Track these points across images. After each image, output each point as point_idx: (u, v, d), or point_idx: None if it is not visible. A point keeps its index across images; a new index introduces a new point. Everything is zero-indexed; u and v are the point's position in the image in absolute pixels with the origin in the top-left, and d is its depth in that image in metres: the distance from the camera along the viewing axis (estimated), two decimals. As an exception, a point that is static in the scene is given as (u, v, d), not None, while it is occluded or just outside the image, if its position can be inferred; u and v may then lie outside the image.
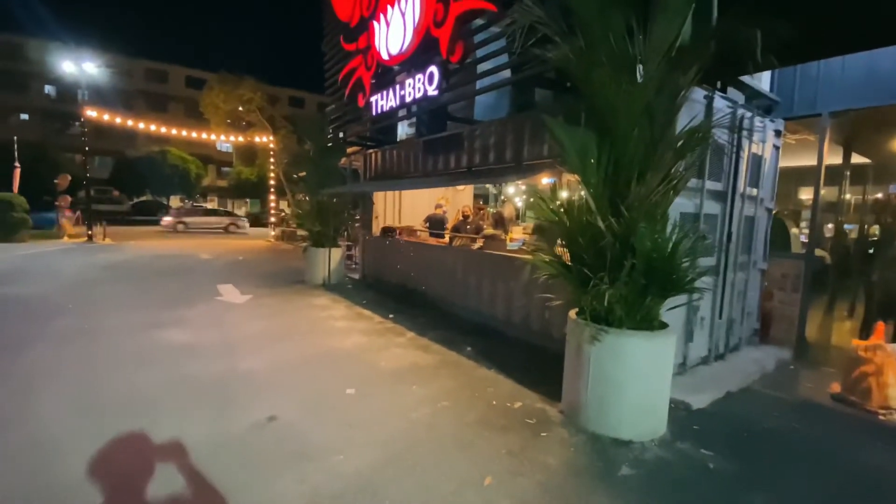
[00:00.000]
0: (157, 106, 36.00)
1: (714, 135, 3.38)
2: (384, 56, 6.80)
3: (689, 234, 3.01)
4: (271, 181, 18.57)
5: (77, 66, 15.62)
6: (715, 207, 4.22)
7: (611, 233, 2.92)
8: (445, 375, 4.02)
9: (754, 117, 4.44)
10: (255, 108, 21.38)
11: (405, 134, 8.94)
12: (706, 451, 2.87)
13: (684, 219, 3.76)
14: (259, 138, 18.94)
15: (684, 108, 3.14)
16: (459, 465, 2.61)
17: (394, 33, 6.52)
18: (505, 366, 4.23)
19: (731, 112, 4.09)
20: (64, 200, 16.46)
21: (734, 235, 4.39)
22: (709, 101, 3.86)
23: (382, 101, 7.02)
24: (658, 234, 2.92)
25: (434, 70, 5.86)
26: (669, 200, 3.08)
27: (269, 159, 18.64)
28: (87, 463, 2.50)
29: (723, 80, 4.14)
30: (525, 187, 11.11)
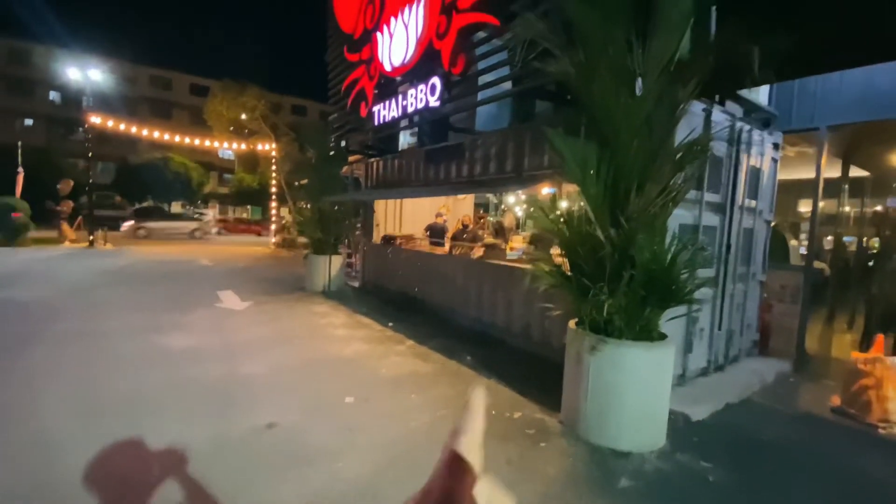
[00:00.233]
0: (160, 113, 36.24)
1: (713, 147, 3.42)
2: (387, 67, 6.89)
3: (688, 246, 3.03)
4: (273, 188, 18.63)
5: (82, 72, 15.77)
6: (714, 219, 4.25)
7: (610, 243, 2.95)
8: (445, 384, 4.01)
9: (752, 130, 4.48)
10: (258, 115, 21.51)
11: (407, 143, 9.01)
12: (706, 463, 2.86)
13: (683, 230, 3.79)
14: (261, 146, 19.02)
15: (683, 121, 3.18)
16: (458, 474, 2.60)
17: (397, 45, 6.61)
18: (504, 375, 4.23)
19: (730, 125, 4.14)
20: (66, 205, 16.51)
21: (733, 247, 4.41)
22: (707, 114, 3.91)
23: (385, 111, 7.10)
24: (657, 245, 2.94)
25: (436, 81, 5.94)
26: (668, 212, 3.11)
27: (270, 167, 18.69)
28: (85, 465, 2.50)
29: (721, 93, 4.19)
30: (525, 197, 11.15)
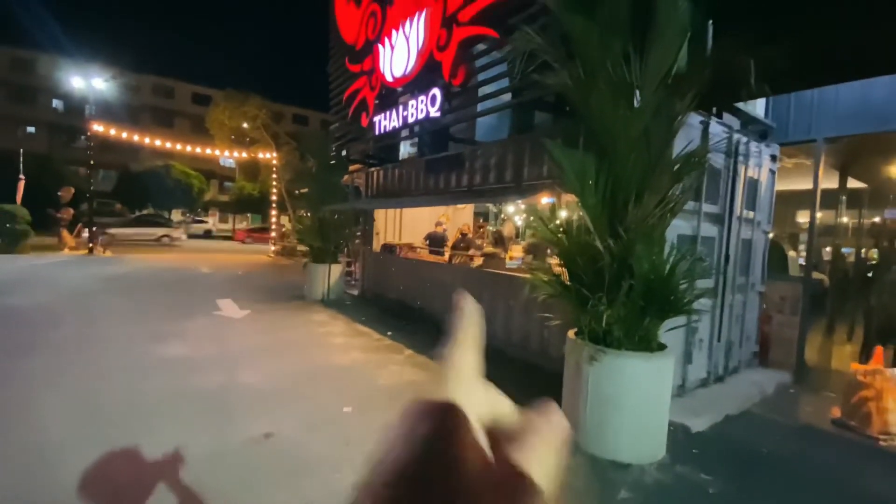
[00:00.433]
0: (163, 121, 36.49)
1: (710, 159, 3.45)
2: (388, 78, 6.97)
3: (686, 256, 3.04)
4: (273, 197, 18.69)
5: (85, 80, 15.91)
6: (712, 230, 4.27)
7: (609, 253, 2.96)
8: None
9: (750, 142, 4.52)
10: (259, 124, 21.64)
11: (407, 153, 9.06)
12: (706, 475, 2.84)
13: (682, 241, 3.80)
14: (262, 154, 19.14)
15: (681, 133, 3.21)
16: (456, 485, 2.58)
17: (398, 56, 6.69)
18: (503, 385, 4.13)
19: (727, 137, 4.18)
20: (66, 213, 16.53)
21: (732, 258, 4.43)
22: (705, 126, 3.95)
23: (385, 121, 7.16)
24: (656, 255, 2.95)
25: (436, 92, 6.00)
26: (667, 222, 3.13)
27: (271, 175, 18.78)
28: (81, 474, 2.47)
29: (718, 106, 4.24)
30: (525, 207, 11.18)
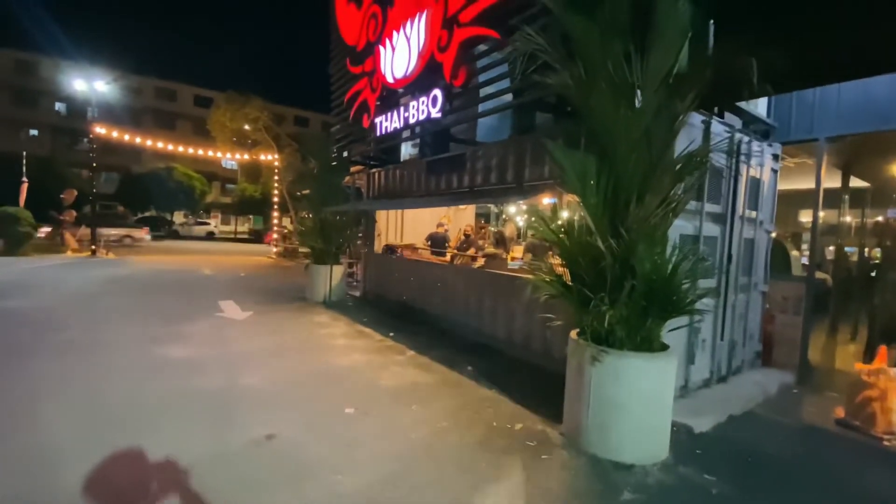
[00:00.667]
0: (165, 123, 36.63)
1: (712, 158, 3.44)
2: (389, 79, 6.97)
3: (688, 256, 3.03)
4: (275, 198, 18.73)
5: (87, 83, 15.97)
6: (714, 230, 4.25)
7: (611, 254, 2.95)
8: (446, 395, 3.99)
9: (752, 141, 4.51)
10: (261, 126, 21.70)
11: (408, 154, 9.07)
12: (709, 476, 2.83)
13: (684, 240, 3.79)
14: (264, 156, 19.19)
15: (682, 133, 3.20)
16: (459, 486, 2.58)
17: (399, 57, 6.69)
18: (506, 386, 4.21)
19: (729, 136, 4.16)
20: (69, 215, 16.60)
21: (734, 257, 4.42)
22: (706, 126, 3.94)
23: (387, 123, 7.16)
24: (658, 255, 2.94)
25: (437, 93, 6.01)
26: (669, 222, 3.12)
27: (273, 177, 18.81)
28: (82, 476, 2.48)
29: (720, 105, 4.23)
30: (526, 207, 11.17)
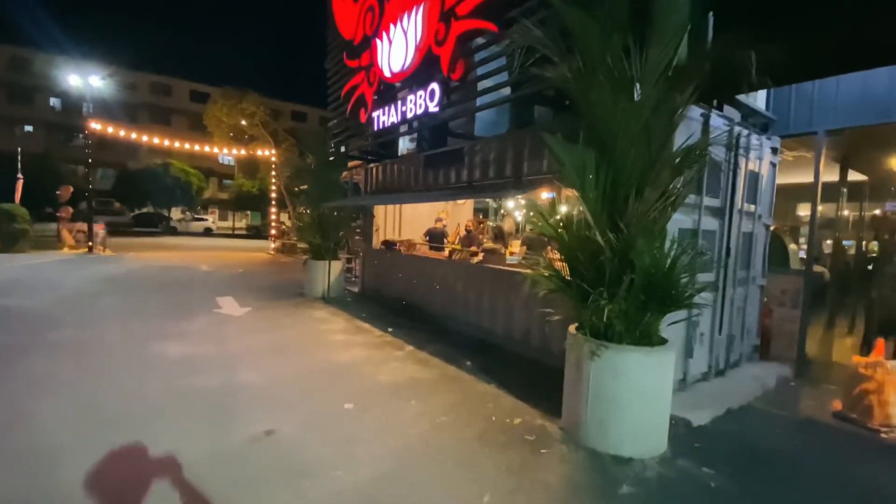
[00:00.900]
0: (161, 119, 36.41)
1: (711, 152, 3.42)
2: (386, 73, 6.92)
3: (687, 250, 3.03)
4: (272, 194, 18.66)
5: (83, 79, 15.82)
6: (713, 223, 4.25)
7: (609, 248, 2.95)
8: (444, 390, 4.00)
9: (751, 135, 4.49)
10: (257, 122, 21.54)
11: (406, 149, 9.02)
12: (707, 469, 2.84)
13: (683, 234, 3.78)
14: (261, 151, 19.07)
15: (681, 126, 3.19)
16: (458, 482, 2.59)
17: (396, 51, 6.64)
18: (504, 381, 4.21)
19: (728, 130, 4.15)
20: (65, 211, 16.50)
21: (733, 251, 4.42)
22: (705, 120, 3.92)
23: (384, 117, 7.12)
24: (657, 249, 2.94)
25: (435, 87, 5.96)
26: (667, 216, 3.11)
27: (270, 172, 18.71)
28: (81, 475, 2.48)
29: (719, 98, 4.21)
30: (525, 202, 11.16)
